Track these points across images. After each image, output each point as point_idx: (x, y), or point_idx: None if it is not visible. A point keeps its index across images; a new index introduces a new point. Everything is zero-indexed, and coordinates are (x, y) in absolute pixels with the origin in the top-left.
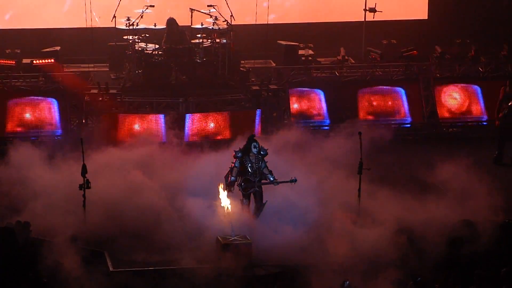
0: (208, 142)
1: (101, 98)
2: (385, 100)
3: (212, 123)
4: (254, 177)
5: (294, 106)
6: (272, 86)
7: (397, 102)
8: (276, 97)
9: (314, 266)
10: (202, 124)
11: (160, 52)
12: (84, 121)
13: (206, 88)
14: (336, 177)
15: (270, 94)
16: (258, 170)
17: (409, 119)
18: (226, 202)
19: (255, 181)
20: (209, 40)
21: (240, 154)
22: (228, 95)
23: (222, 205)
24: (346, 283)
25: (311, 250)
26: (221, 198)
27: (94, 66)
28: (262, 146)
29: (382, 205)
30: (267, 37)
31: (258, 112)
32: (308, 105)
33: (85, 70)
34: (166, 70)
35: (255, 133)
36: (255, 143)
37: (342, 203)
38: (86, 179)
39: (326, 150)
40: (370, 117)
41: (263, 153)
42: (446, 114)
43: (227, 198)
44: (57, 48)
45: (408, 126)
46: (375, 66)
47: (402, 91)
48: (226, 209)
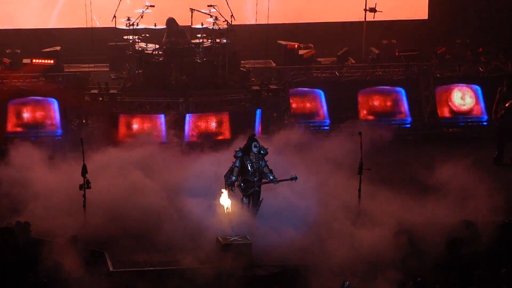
0: (208, 142)
1: (101, 98)
2: (385, 100)
3: (212, 123)
4: (254, 176)
5: (294, 106)
6: (272, 86)
7: (397, 102)
8: (276, 97)
9: (314, 266)
10: (202, 124)
11: (160, 52)
12: (84, 121)
13: (206, 88)
14: (336, 177)
15: (270, 94)
16: (258, 169)
17: (409, 119)
18: (226, 202)
19: (254, 180)
20: (209, 40)
21: (240, 153)
22: (228, 95)
23: (221, 203)
24: (346, 284)
25: (311, 251)
26: (221, 198)
27: (94, 66)
28: (262, 146)
29: (382, 205)
30: (267, 37)
31: (258, 112)
32: (308, 105)
33: (85, 70)
34: (166, 70)
35: (255, 133)
36: (256, 143)
37: (342, 204)
38: (86, 179)
39: (326, 150)
40: (371, 117)
41: (263, 152)
42: (447, 114)
43: (227, 198)
44: (57, 48)
45: (408, 126)
46: (375, 66)
47: (403, 91)
48: (226, 209)
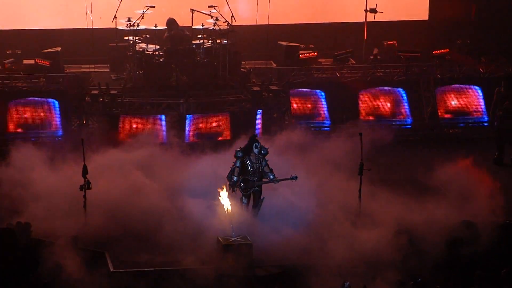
0: (208, 143)
1: (101, 99)
2: (385, 101)
3: (212, 124)
4: (254, 176)
5: (294, 107)
6: (272, 87)
7: (398, 103)
8: (276, 98)
9: (315, 266)
10: (202, 125)
11: (160, 53)
12: (84, 122)
13: (206, 89)
14: (336, 178)
15: (270, 95)
16: (258, 169)
17: (409, 120)
18: (226, 203)
19: (254, 180)
20: (210, 40)
21: (240, 153)
22: (228, 96)
23: (222, 202)
24: (346, 284)
25: (312, 251)
26: (221, 199)
27: (95, 67)
28: (262, 145)
29: (382, 206)
30: (268, 37)
31: (259, 113)
32: (309, 106)
33: (86, 71)
34: (167, 71)
35: (256, 133)
36: (257, 144)
37: (343, 204)
38: (86, 180)
39: (326, 151)
40: (371, 118)
41: (264, 152)
42: (447, 115)
43: (228, 199)
44: (58, 48)
45: (408, 127)
46: (376, 67)
47: (403, 92)
48: (227, 209)
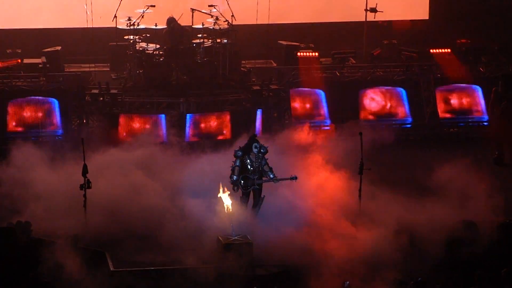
0: (209, 142)
1: (102, 98)
2: (386, 100)
3: (213, 123)
4: (254, 175)
5: (294, 106)
6: (273, 86)
7: (398, 103)
8: (277, 97)
9: (315, 266)
10: (203, 124)
11: (161, 52)
12: (85, 121)
13: (207, 88)
14: (336, 177)
15: (271, 94)
16: (257, 168)
17: (410, 120)
18: (227, 202)
19: (254, 178)
20: (210, 40)
21: (240, 153)
22: (229, 95)
23: (222, 199)
24: (346, 284)
25: (312, 251)
26: (222, 198)
27: (95, 66)
28: (262, 144)
29: (382, 205)
30: (268, 37)
31: (259, 112)
32: (309, 105)
33: (86, 70)
34: (167, 70)
35: (256, 133)
36: (256, 144)
37: (343, 204)
38: (87, 179)
39: (326, 150)
40: (371, 117)
41: (263, 151)
42: (447, 115)
43: (228, 198)
44: (58, 48)
45: (409, 126)
46: (376, 66)
47: (403, 92)
48: (227, 209)
